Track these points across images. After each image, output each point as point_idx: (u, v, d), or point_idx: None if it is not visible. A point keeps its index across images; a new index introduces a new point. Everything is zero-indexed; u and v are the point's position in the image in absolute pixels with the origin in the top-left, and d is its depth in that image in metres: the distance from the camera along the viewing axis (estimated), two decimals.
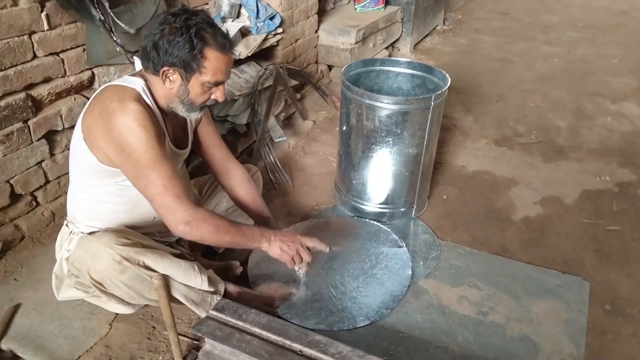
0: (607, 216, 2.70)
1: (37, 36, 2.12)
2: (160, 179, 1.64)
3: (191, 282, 1.77)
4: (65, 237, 1.90)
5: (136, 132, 1.60)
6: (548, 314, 2.08)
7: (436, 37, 5.48)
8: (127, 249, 1.66)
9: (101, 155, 1.70)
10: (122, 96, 1.65)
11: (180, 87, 1.70)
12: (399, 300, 2.10)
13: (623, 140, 3.46)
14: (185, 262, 1.77)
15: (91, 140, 1.69)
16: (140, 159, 1.63)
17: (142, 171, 1.64)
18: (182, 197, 1.67)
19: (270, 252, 1.87)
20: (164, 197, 1.66)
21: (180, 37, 1.59)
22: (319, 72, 4.17)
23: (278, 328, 1.67)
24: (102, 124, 1.63)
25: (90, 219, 1.85)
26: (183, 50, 1.61)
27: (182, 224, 1.67)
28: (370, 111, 2.35)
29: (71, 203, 1.90)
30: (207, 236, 1.72)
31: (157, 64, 1.65)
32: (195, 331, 1.67)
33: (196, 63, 1.64)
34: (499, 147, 3.36)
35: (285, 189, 2.86)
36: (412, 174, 2.50)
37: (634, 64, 4.84)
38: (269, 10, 3.31)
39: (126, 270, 1.66)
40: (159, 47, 1.62)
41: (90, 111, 1.70)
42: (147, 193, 1.68)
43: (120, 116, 1.60)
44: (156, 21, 1.65)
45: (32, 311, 1.99)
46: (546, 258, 2.39)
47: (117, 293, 1.75)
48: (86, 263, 1.70)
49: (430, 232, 2.54)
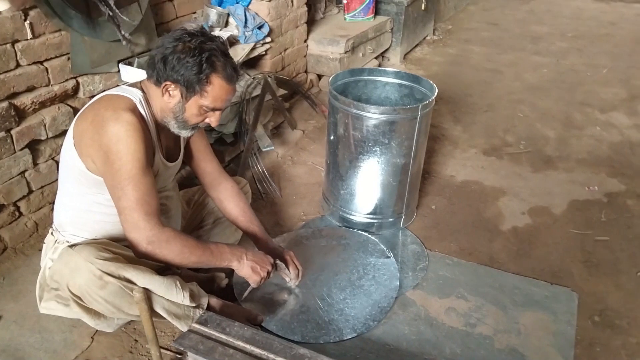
0: (595, 226, 2.69)
1: (20, 45, 2.10)
2: (135, 193, 1.63)
3: (172, 297, 1.74)
4: (50, 246, 1.87)
5: (124, 142, 1.59)
6: (536, 325, 2.07)
7: (426, 47, 5.50)
8: (108, 263, 1.62)
9: (89, 164, 1.69)
10: (117, 105, 1.64)
11: (178, 103, 1.70)
12: (387, 312, 2.07)
13: (612, 151, 3.47)
14: (166, 278, 1.73)
15: (81, 148, 1.68)
16: (121, 169, 1.61)
17: (120, 181, 1.62)
18: (152, 215, 1.65)
19: (240, 271, 1.84)
20: (132, 212, 1.63)
21: (192, 57, 1.61)
22: (308, 82, 4.17)
23: (262, 341, 1.64)
24: (93, 131, 1.62)
25: (77, 228, 1.82)
26: (190, 71, 1.62)
27: (145, 243, 1.64)
28: (358, 121, 2.33)
29: (58, 211, 1.87)
30: (170, 257, 1.69)
31: (161, 76, 1.66)
32: (177, 345, 1.63)
33: (199, 86, 1.65)
34: (488, 157, 3.36)
35: (273, 199, 2.84)
36: (400, 183, 2.49)
37: (623, 74, 4.87)
38: (257, 19, 3.30)
39: (106, 285, 1.62)
40: (167, 61, 1.63)
41: (84, 118, 1.69)
42: (118, 205, 1.66)
43: (113, 125, 1.60)
44: (171, 35, 1.67)
45: (13, 323, 1.95)
46: (534, 269, 2.38)
47: (97, 308, 1.71)
48: (65, 277, 1.66)
49: (418, 243, 2.53)
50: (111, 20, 2.32)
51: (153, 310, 1.70)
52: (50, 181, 2.37)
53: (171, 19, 2.96)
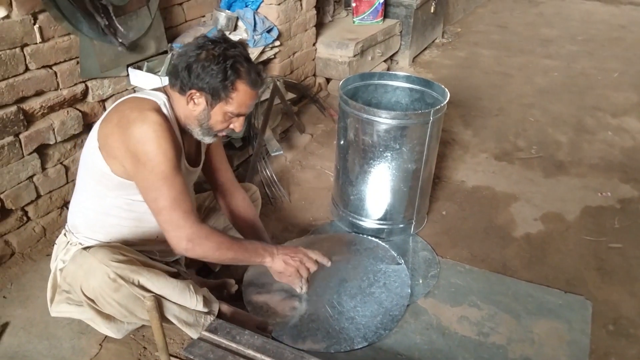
0: (609, 233, 2.65)
1: (29, 49, 2.09)
2: (171, 192, 1.63)
3: (186, 302, 1.73)
4: (61, 247, 1.86)
5: (154, 142, 1.59)
6: (550, 334, 2.03)
7: (435, 50, 5.47)
8: (122, 266, 1.62)
9: (116, 166, 1.68)
10: (142, 106, 1.64)
11: (203, 111, 1.70)
12: (398, 321, 2.04)
13: (624, 156, 3.43)
14: (180, 281, 1.73)
15: (107, 150, 1.67)
16: (154, 170, 1.61)
17: (154, 182, 1.62)
18: (190, 213, 1.67)
19: (274, 266, 1.85)
20: (171, 212, 1.64)
21: (216, 65, 1.61)
22: (316, 85, 4.14)
23: (273, 350, 1.62)
24: (120, 133, 1.62)
25: (92, 231, 1.81)
26: (215, 79, 1.62)
27: (185, 241, 1.65)
28: (368, 126, 2.31)
29: (74, 212, 1.86)
30: (209, 253, 1.71)
31: (186, 85, 1.66)
32: (187, 353, 1.61)
33: (225, 93, 1.65)
34: (499, 161, 3.33)
35: (281, 204, 2.81)
36: (411, 189, 2.46)
37: (634, 78, 4.82)
38: (267, 23, 3.29)
39: (120, 288, 1.62)
40: (191, 70, 1.63)
41: (108, 121, 1.68)
42: (155, 206, 1.65)
43: (140, 126, 1.59)
44: (194, 43, 1.67)
45: (21, 330, 1.94)
46: (548, 276, 2.35)
47: (110, 311, 1.70)
48: (79, 279, 1.66)
49: (429, 249, 2.50)
50: (107, 30, 2.29)
51: (163, 317, 1.69)
52: (59, 186, 2.36)
53: (180, 23, 2.95)
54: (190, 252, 1.68)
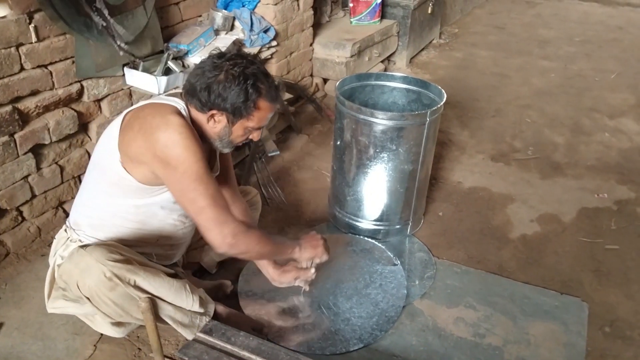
0: (605, 235, 2.65)
1: (24, 48, 2.08)
2: (208, 190, 1.64)
3: (182, 302, 1.73)
4: (61, 243, 1.84)
5: (181, 144, 1.59)
6: (546, 336, 2.03)
7: (432, 51, 5.46)
8: (119, 265, 1.61)
9: (139, 171, 1.68)
10: (164, 111, 1.64)
11: (224, 128, 1.72)
12: (394, 322, 2.04)
13: (621, 157, 3.43)
14: (176, 281, 1.73)
15: (130, 156, 1.66)
16: (187, 172, 1.61)
17: (190, 184, 1.62)
18: (228, 210, 1.71)
19: (303, 255, 1.95)
20: (213, 209, 1.65)
21: (237, 86, 1.62)
22: (313, 86, 4.14)
23: (268, 352, 1.62)
24: (144, 139, 1.62)
25: (94, 229, 1.80)
26: (237, 99, 1.63)
27: (230, 237, 1.67)
28: (365, 126, 2.30)
29: (78, 209, 1.85)
30: (251, 247, 1.74)
31: (205, 105, 1.67)
32: (181, 355, 1.61)
33: (247, 111, 1.67)
34: (496, 162, 3.32)
35: (278, 204, 2.81)
36: (408, 190, 2.45)
37: (632, 80, 4.82)
38: (263, 23, 3.28)
39: (116, 287, 1.61)
40: (211, 90, 1.63)
41: (129, 128, 1.67)
42: (194, 207, 1.66)
43: (164, 130, 1.59)
44: (210, 62, 1.66)
45: (15, 331, 1.93)
46: (544, 278, 2.34)
47: (105, 310, 1.69)
48: (75, 277, 1.65)
49: (425, 250, 2.49)
50: (105, 31, 2.29)
51: (159, 317, 1.69)
52: (54, 186, 2.35)
53: (177, 22, 2.94)
54: (234, 248, 1.70)
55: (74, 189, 2.43)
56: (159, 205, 1.79)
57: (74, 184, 2.43)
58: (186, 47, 2.79)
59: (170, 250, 1.93)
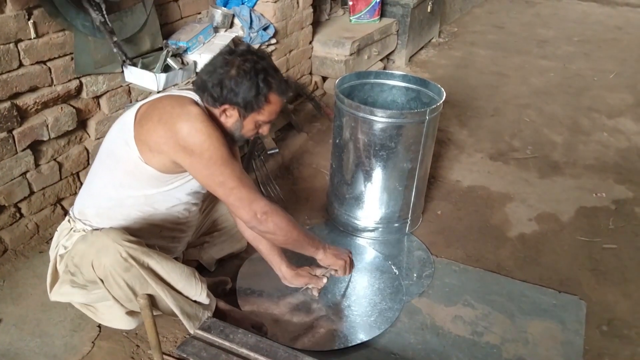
0: (603, 234, 2.66)
1: (23, 44, 2.07)
2: (235, 172, 1.68)
3: (191, 289, 1.74)
4: (64, 233, 1.84)
5: (204, 132, 1.62)
6: (544, 334, 2.03)
7: (431, 50, 5.46)
8: (134, 246, 1.63)
9: (159, 160, 1.70)
10: (182, 102, 1.68)
11: (236, 122, 1.76)
12: (392, 320, 2.04)
13: (619, 157, 3.43)
14: (187, 267, 1.75)
15: (149, 145, 1.68)
16: (212, 157, 1.64)
17: (217, 168, 1.65)
18: (255, 188, 1.73)
19: (325, 260, 1.93)
20: (242, 189, 1.68)
21: (249, 80, 1.67)
22: (313, 84, 4.14)
23: (266, 349, 1.61)
24: (165, 129, 1.64)
25: (100, 218, 1.80)
26: (249, 93, 1.68)
27: (261, 213, 1.70)
28: (364, 124, 2.30)
29: (84, 199, 1.85)
30: (280, 226, 1.74)
31: (218, 100, 1.71)
32: (180, 352, 1.61)
33: (258, 105, 1.71)
34: (494, 161, 3.33)
35: (276, 202, 2.80)
36: (406, 188, 2.45)
37: (630, 80, 4.83)
38: (263, 20, 3.28)
39: (130, 268, 1.62)
40: (224, 85, 1.68)
41: (147, 118, 1.69)
42: (223, 189, 1.69)
43: (186, 120, 1.62)
44: (221, 59, 1.71)
45: (13, 327, 1.93)
46: (542, 276, 2.35)
47: (116, 293, 1.69)
48: (89, 257, 1.65)
49: (424, 249, 2.49)
50: (103, 27, 2.29)
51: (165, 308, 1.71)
52: (52, 182, 2.34)
53: (176, 19, 2.94)
54: (263, 225, 1.72)
55: (72, 185, 2.43)
56: (169, 195, 1.81)
57: (73, 180, 2.43)
58: (185, 44, 2.79)
59: (172, 243, 1.93)
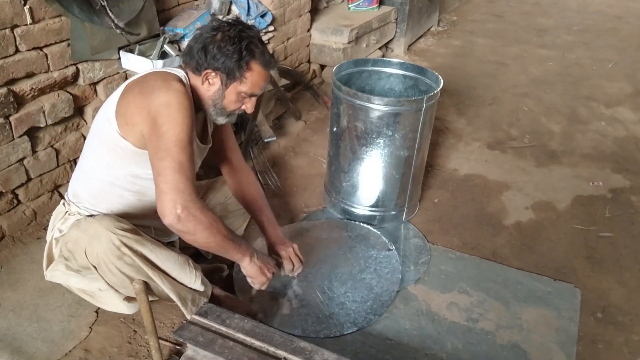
0: (599, 222, 2.67)
1: (19, 30, 2.06)
2: (179, 155, 1.58)
3: (185, 277, 1.74)
4: (59, 217, 1.85)
5: (175, 107, 1.60)
6: (539, 321, 2.05)
7: (430, 39, 5.45)
8: (128, 235, 1.63)
9: (132, 134, 1.68)
10: (166, 77, 1.68)
11: (218, 91, 1.74)
12: (388, 306, 2.05)
13: (617, 146, 3.44)
14: (181, 255, 1.75)
15: (126, 117, 1.67)
16: (168, 132, 1.59)
17: (166, 143, 1.58)
18: (191, 181, 1.61)
19: (247, 270, 1.82)
20: (174, 173, 1.57)
21: (232, 45, 1.66)
22: (310, 72, 4.13)
23: (262, 334, 1.62)
24: (142, 99, 1.64)
25: (95, 200, 1.81)
26: (231, 59, 1.67)
27: (181, 208, 1.56)
28: (361, 112, 2.30)
29: (77, 181, 1.86)
30: (198, 228, 1.61)
31: (201, 65, 1.70)
32: (176, 336, 1.61)
33: (239, 72, 1.69)
34: (492, 150, 3.33)
35: (273, 190, 2.81)
36: (403, 176, 2.46)
37: (629, 69, 4.82)
38: (260, 7, 3.26)
39: (123, 257, 1.63)
40: (207, 50, 1.67)
41: (130, 91, 1.69)
42: (159, 165, 1.59)
43: (164, 92, 1.61)
44: (209, 25, 1.72)
45: (11, 312, 1.93)
46: (537, 264, 2.36)
47: (110, 280, 1.70)
48: (82, 244, 1.66)
49: (420, 236, 2.50)
50: (104, 11, 2.28)
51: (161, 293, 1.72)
52: (49, 169, 2.34)
53: (173, 6, 2.92)
54: (180, 223, 1.58)
55: (69, 172, 2.43)
56: None
57: (70, 167, 2.43)
58: (182, 30, 2.78)
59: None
